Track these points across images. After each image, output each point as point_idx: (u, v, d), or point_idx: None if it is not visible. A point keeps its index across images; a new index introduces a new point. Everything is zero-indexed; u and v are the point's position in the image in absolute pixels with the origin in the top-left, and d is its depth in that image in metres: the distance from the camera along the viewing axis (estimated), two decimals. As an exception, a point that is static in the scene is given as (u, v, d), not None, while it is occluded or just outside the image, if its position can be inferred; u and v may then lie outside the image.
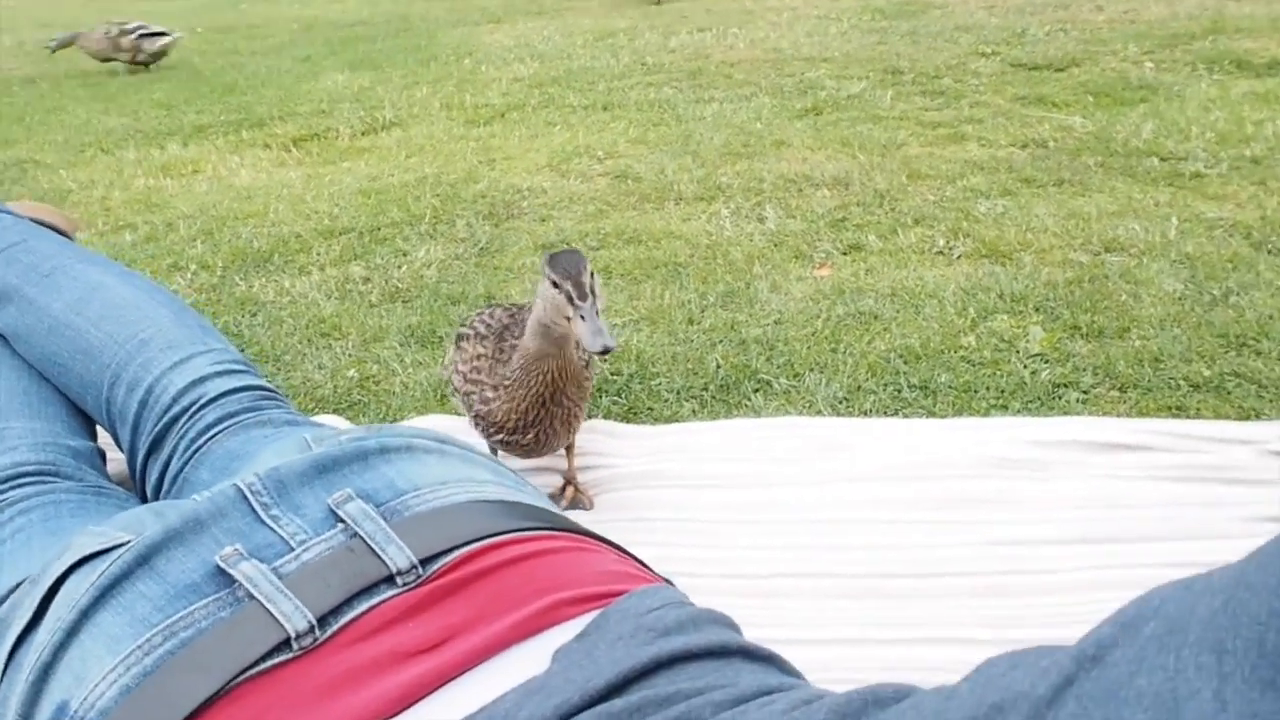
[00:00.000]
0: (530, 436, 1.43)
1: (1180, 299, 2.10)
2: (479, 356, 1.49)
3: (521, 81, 4.55)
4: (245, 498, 0.83)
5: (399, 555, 0.77)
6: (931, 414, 1.79)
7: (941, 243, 2.47)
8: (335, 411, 1.94)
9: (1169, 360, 1.89)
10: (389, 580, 0.76)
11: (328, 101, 4.46)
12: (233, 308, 2.37)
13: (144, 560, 0.77)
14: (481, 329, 1.51)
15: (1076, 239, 2.43)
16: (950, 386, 1.85)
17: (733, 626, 0.77)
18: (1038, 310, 2.10)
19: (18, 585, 0.90)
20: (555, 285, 1.24)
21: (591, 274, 1.24)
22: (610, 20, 5.84)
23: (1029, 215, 2.59)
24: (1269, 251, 2.30)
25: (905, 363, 1.93)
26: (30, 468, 1.15)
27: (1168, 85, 3.69)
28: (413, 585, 0.76)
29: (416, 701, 0.68)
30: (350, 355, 2.14)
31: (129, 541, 0.79)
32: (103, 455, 1.30)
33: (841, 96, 3.85)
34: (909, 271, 2.32)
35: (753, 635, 0.78)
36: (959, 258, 2.40)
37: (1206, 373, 1.84)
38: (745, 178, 3.01)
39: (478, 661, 0.70)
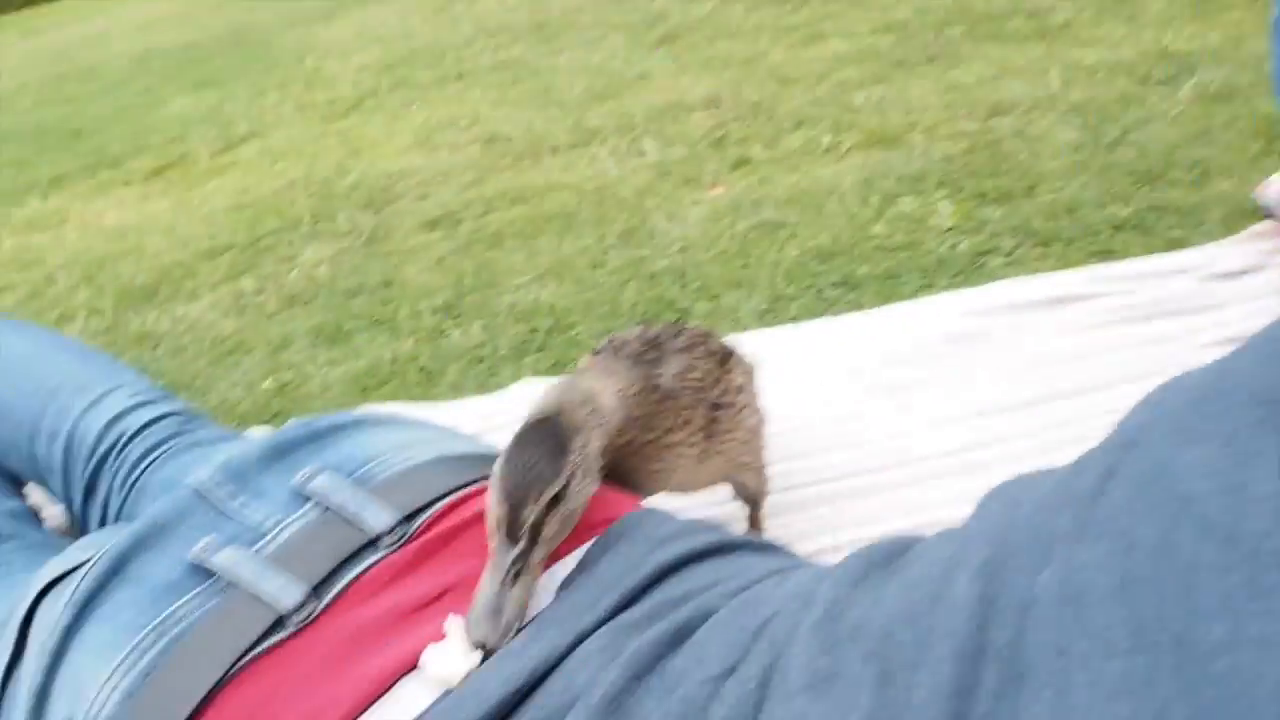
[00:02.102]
0: None
1: (1079, 148, 2.07)
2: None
3: (368, 69, 4.39)
4: (203, 496, 0.80)
5: (378, 518, 0.76)
6: (858, 307, 1.73)
7: (827, 140, 2.42)
8: (260, 424, 1.84)
9: (1084, 208, 1.85)
10: (373, 544, 0.75)
11: (179, 127, 4.25)
12: (132, 345, 2.22)
13: (116, 570, 0.75)
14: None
15: (961, 110, 2.39)
16: (871, 276, 1.80)
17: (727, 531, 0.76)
18: (940, 185, 2.05)
19: None
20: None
21: (557, 496, 0.73)
22: (446, -5, 5.69)
23: (907, 97, 2.54)
24: (1155, 83, 2.28)
25: (821, 263, 1.87)
26: None
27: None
28: (398, 545, 0.75)
29: None
30: (261, 367, 2.02)
31: (93, 558, 0.76)
32: (36, 515, 1.21)
33: (692, 19, 3.77)
34: (802, 174, 2.26)
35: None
36: (848, 151, 2.34)
37: (1125, 212, 1.81)
38: (616, 117, 2.92)
39: None
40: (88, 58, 7.46)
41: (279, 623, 0.70)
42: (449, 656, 0.64)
